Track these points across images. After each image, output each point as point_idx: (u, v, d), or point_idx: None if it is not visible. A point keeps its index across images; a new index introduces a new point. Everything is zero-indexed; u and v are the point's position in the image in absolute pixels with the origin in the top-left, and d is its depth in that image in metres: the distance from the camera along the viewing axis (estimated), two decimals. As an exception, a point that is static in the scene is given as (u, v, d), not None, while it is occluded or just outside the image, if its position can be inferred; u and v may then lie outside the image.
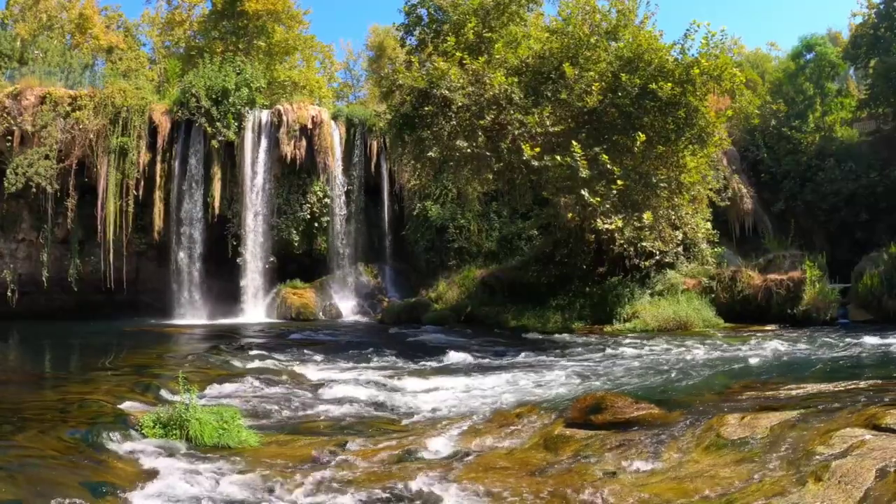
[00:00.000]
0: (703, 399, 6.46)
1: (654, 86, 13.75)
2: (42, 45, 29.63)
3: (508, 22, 16.37)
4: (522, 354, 11.83)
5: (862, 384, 6.49)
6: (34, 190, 22.81)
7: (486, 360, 11.37)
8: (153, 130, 24.40)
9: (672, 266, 17.99)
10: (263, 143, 25.05)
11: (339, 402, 7.79)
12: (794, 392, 6.45)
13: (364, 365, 10.98)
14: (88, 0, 36.90)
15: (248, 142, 24.93)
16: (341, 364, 11.06)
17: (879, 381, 6.56)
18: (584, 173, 13.39)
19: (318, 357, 11.90)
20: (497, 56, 14.81)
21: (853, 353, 10.49)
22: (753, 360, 10.08)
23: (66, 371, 11.38)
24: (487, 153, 14.76)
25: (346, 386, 8.68)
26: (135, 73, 30.29)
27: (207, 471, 4.97)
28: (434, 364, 11.05)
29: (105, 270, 23.43)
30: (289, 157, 24.88)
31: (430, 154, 15.08)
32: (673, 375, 8.86)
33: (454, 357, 11.60)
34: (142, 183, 24.12)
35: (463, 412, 7.00)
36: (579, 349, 12.38)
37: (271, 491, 4.55)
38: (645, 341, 13.20)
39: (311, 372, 10.02)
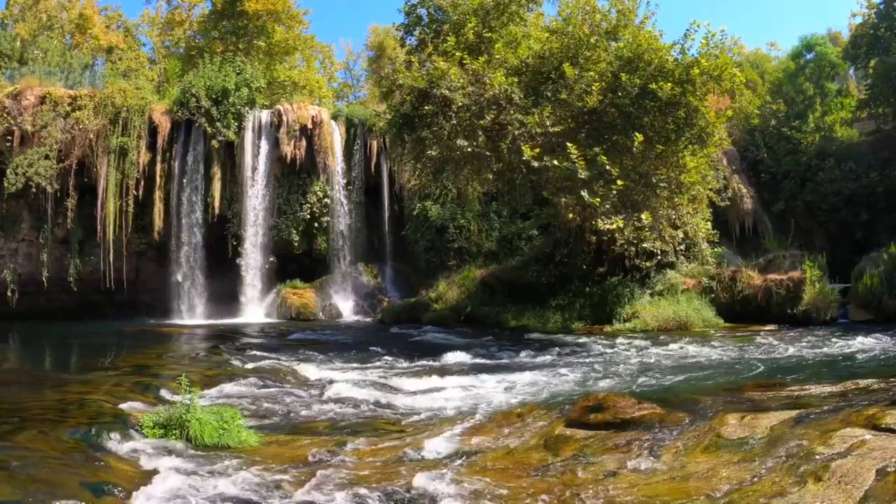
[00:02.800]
0: (703, 399, 6.45)
1: (653, 86, 13.75)
2: (42, 45, 29.63)
3: (508, 22, 16.37)
4: (522, 354, 11.83)
5: (862, 384, 6.49)
6: (34, 190, 22.81)
7: (486, 361, 11.38)
8: (153, 130, 24.39)
9: (672, 266, 17.99)
10: (263, 143, 25.05)
11: (339, 402, 7.80)
12: (794, 392, 6.45)
13: (364, 365, 10.98)
14: (88, 0, 36.91)
15: (248, 142, 24.92)
16: (341, 364, 11.07)
17: (879, 381, 6.55)
18: (583, 174, 13.40)
19: (318, 357, 11.90)
20: (497, 56, 14.81)
21: (853, 353, 10.49)
22: (753, 361, 10.08)
23: (66, 371, 11.38)
24: (487, 153, 14.76)
25: (346, 386, 8.68)
26: (135, 73, 30.30)
27: (207, 471, 4.97)
28: (434, 364, 11.05)
29: (105, 270, 23.42)
30: (289, 157, 24.88)
31: (430, 153, 15.07)
32: (672, 375, 8.87)
33: (454, 357, 11.60)
34: (142, 183, 24.11)
35: (463, 412, 7.00)
36: (579, 349, 12.39)
37: (271, 491, 4.55)
38: (645, 341, 13.21)
39: (312, 372, 10.02)
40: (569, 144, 13.46)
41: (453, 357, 11.61)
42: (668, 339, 13.45)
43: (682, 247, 18.35)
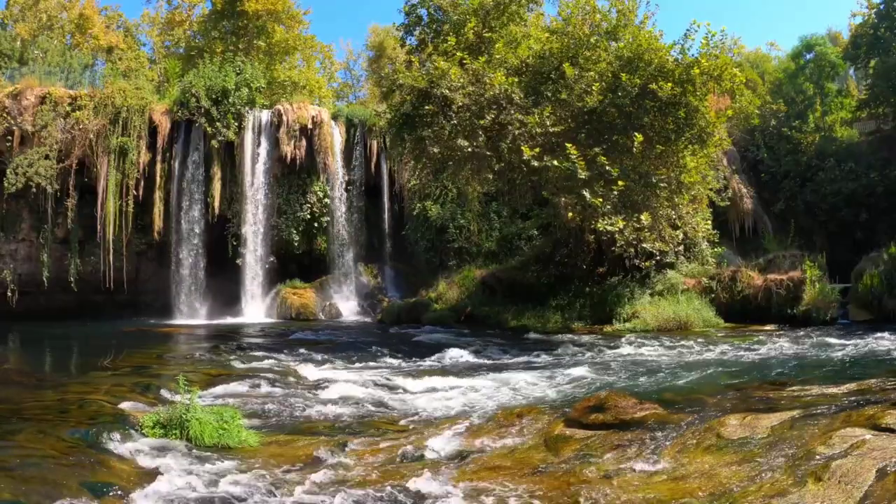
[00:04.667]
0: (703, 399, 6.46)
1: (654, 86, 13.75)
2: (42, 45, 29.65)
3: (508, 22, 16.38)
4: (522, 354, 11.83)
5: (862, 384, 6.48)
6: (34, 190, 22.82)
7: (486, 360, 11.37)
8: (153, 130, 24.41)
9: (672, 266, 17.98)
10: (263, 143, 25.06)
11: (339, 401, 7.79)
12: (794, 392, 6.45)
13: (364, 365, 10.98)
14: (88, 0, 36.90)
15: (248, 142, 24.94)
16: (341, 364, 11.06)
17: (879, 381, 6.55)
18: (583, 174, 13.40)
19: (318, 357, 11.90)
20: (497, 56, 14.81)
21: (853, 353, 10.48)
22: (754, 361, 10.08)
23: (66, 371, 11.38)
24: (487, 153, 14.77)
25: (346, 386, 8.68)
26: (135, 73, 30.29)
27: (207, 471, 4.97)
28: (434, 364, 11.05)
29: (105, 270, 23.43)
30: (289, 157, 24.88)
31: (431, 150, 15.08)
32: (673, 375, 8.87)
33: (454, 357, 11.61)
34: (142, 183, 24.14)
35: (463, 412, 7.00)
36: (579, 349, 12.38)
37: (271, 491, 4.55)
38: (645, 341, 13.20)
39: (312, 372, 10.01)
40: (568, 144, 13.47)
41: (453, 357, 11.61)
42: (669, 339, 13.44)
43: (682, 247, 18.34)
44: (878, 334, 12.44)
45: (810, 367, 9.18)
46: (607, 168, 13.56)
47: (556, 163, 13.50)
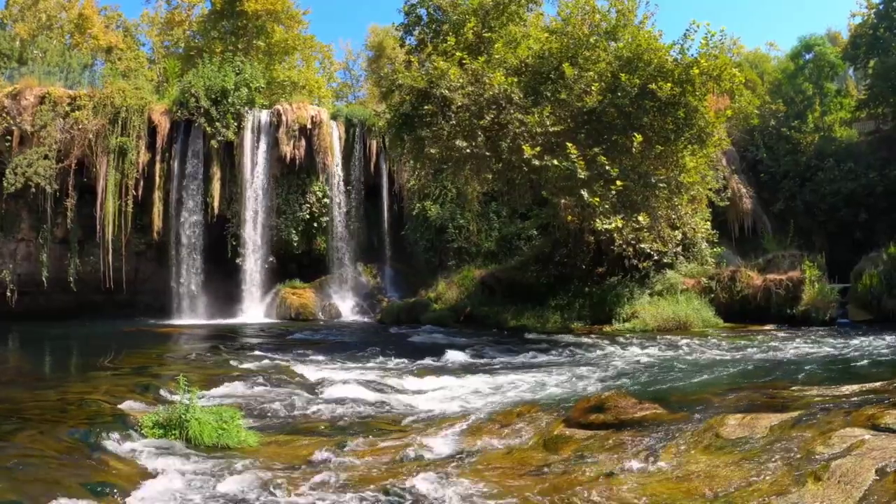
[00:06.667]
0: (702, 399, 6.46)
1: (653, 86, 13.75)
2: (41, 45, 29.63)
3: (508, 22, 16.38)
4: (522, 354, 11.83)
5: (861, 384, 6.49)
6: (33, 190, 22.81)
7: (486, 361, 11.38)
8: (152, 130, 24.40)
9: (671, 266, 17.99)
10: (263, 143, 25.06)
11: (338, 402, 7.79)
12: (793, 392, 6.45)
13: (363, 365, 10.98)
14: (88, 0, 36.88)
15: (248, 142, 24.93)
16: (341, 364, 11.06)
17: (879, 382, 6.55)
18: (583, 174, 13.40)
19: (318, 357, 11.90)
20: (496, 56, 14.81)
21: (852, 353, 10.49)
22: (753, 360, 10.09)
23: (66, 371, 11.38)
24: (486, 153, 14.76)
25: (345, 386, 8.68)
26: (134, 73, 30.27)
27: (207, 471, 4.97)
28: (433, 364, 11.05)
29: (104, 270, 23.42)
30: (288, 157, 24.88)
31: (429, 150, 15.07)
32: (672, 375, 8.87)
33: (453, 357, 11.60)
34: (141, 183, 24.13)
35: (462, 412, 7.00)
36: (579, 349, 12.39)
37: (270, 491, 4.55)
38: (644, 341, 13.21)
39: (311, 372, 10.01)
40: (568, 144, 13.46)
41: (453, 357, 11.61)
42: (668, 339, 13.45)
43: (681, 247, 18.34)
44: (878, 334, 12.45)
45: (809, 367, 9.18)
46: (607, 168, 13.55)
47: (555, 162, 13.50)
